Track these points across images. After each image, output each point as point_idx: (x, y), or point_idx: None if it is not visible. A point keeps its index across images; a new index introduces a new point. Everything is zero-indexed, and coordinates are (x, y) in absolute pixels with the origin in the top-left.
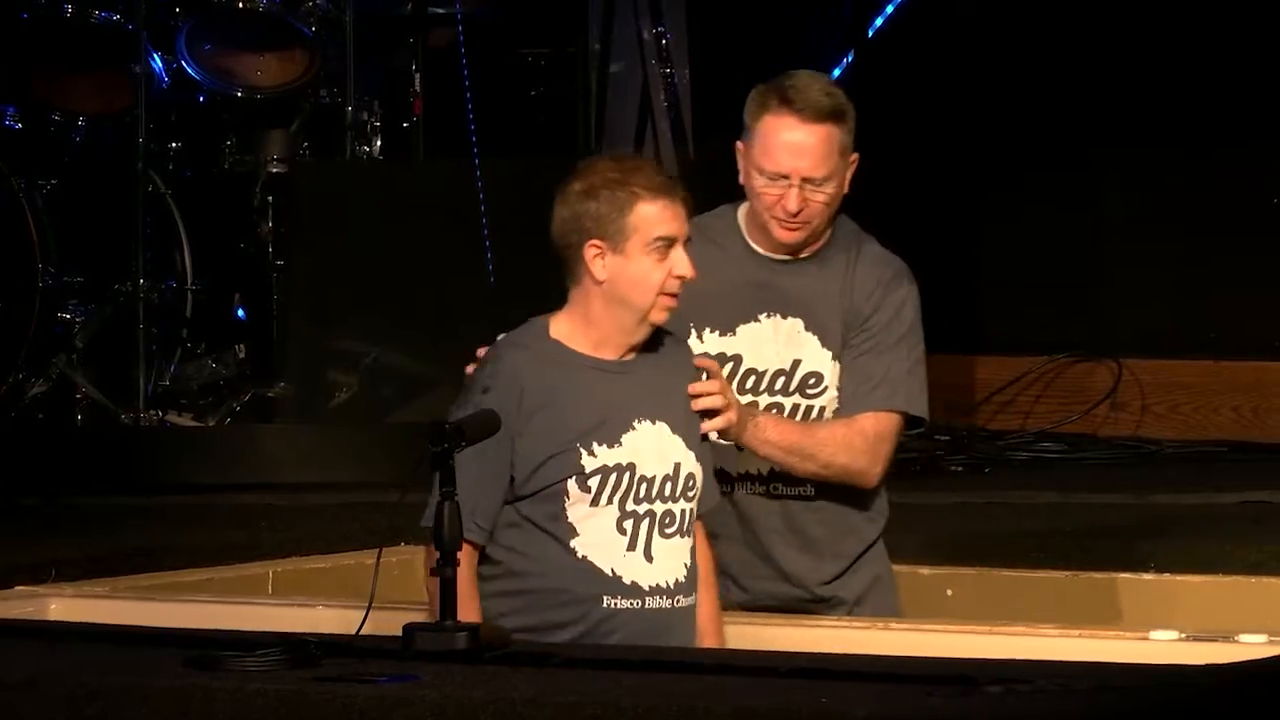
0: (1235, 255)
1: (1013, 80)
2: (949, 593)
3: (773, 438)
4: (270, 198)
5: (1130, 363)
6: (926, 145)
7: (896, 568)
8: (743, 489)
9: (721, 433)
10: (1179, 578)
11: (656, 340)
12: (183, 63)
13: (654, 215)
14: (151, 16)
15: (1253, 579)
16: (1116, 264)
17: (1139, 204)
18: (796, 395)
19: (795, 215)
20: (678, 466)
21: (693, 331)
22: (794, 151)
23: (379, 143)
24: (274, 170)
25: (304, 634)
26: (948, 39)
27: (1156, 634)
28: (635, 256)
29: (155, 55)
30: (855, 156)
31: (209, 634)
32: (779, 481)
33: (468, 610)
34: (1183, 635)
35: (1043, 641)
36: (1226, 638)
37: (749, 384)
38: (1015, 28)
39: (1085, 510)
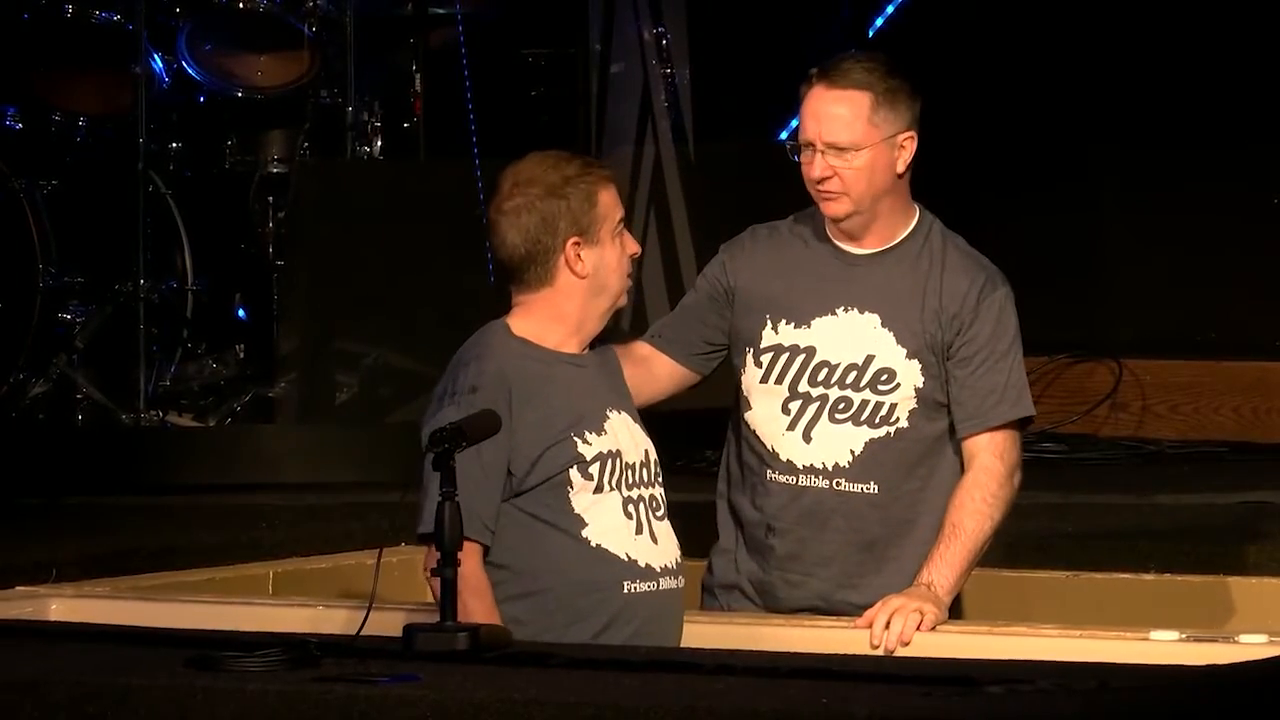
0: (1236, 255)
1: (1013, 80)
2: None
3: (954, 584)
4: (271, 198)
5: (1131, 363)
6: (926, 145)
7: None
8: (808, 480)
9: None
10: (1179, 578)
11: None
12: (183, 63)
13: (612, 201)
14: (152, 17)
15: (1253, 579)
16: (1117, 264)
17: (1139, 204)
18: (867, 390)
19: (820, 183)
20: (647, 452)
21: (768, 323)
22: (817, 117)
23: (379, 143)
24: (274, 170)
25: (304, 634)
26: (948, 39)
27: (1157, 634)
28: (605, 244)
29: (156, 55)
30: (908, 135)
31: (209, 634)
32: (841, 477)
33: (488, 608)
34: (1183, 636)
35: (1043, 642)
36: (1227, 638)
37: (820, 376)
38: (1016, 28)
39: (1086, 511)
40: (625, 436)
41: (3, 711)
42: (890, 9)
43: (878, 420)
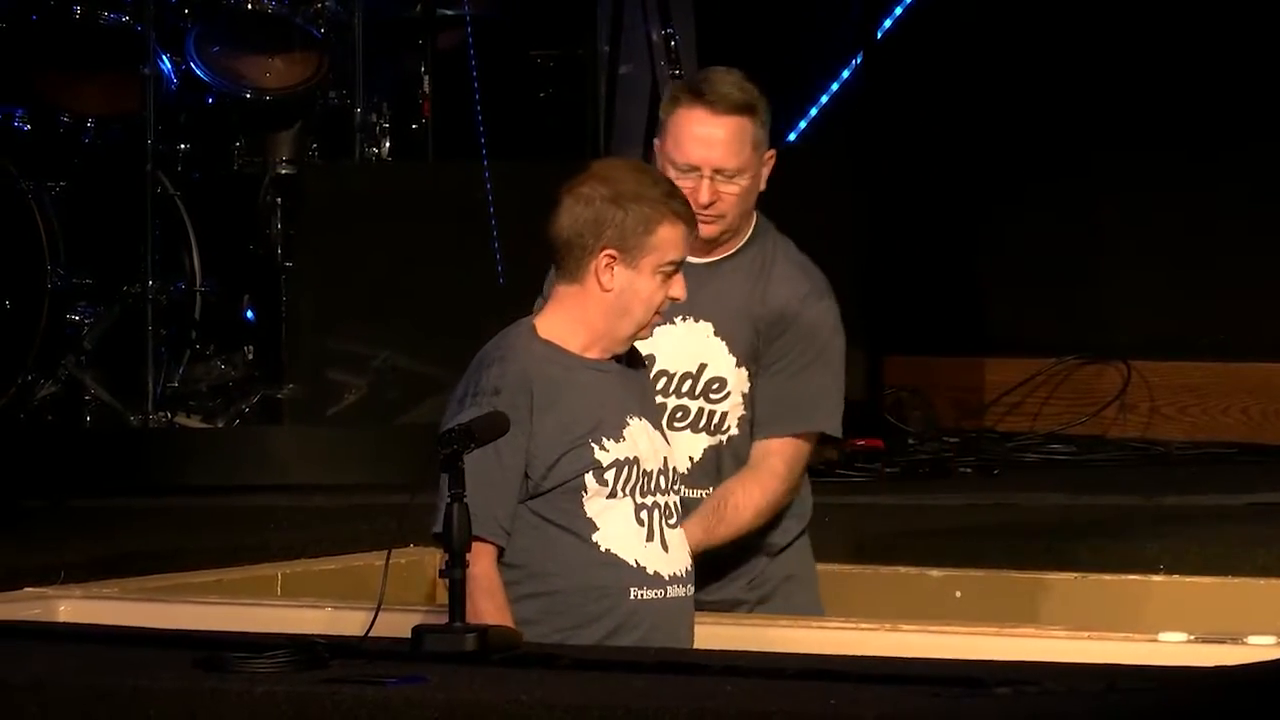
0: (1244, 256)
1: (1021, 82)
2: (958, 594)
3: (696, 544)
4: (279, 199)
5: (1139, 364)
6: (935, 146)
7: (904, 570)
8: None
9: None
10: (1188, 579)
11: None
12: (191, 64)
13: (674, 239)
14: (160, 18)
15: (1261, 581)
16: (1125, 265)
17: (1148, 205)
18: (701, 399)
19: (707, 208)
20: (666, 460)
21: None
22: (704, 143)
23: (388, 144)
24: (283, 172)
25: (313, 636)
26: (956, 41)
27: (1165, 636)
28: (645, 274)
29: (164, 57)
30: (771, 153)
31: (218, 636)
32: (680, 483)
33: (499, 607)
34: (1191, 637)
35: (1051, 643)
36: (1235, 640)
37: (659, 385)
38: (1023, 30)
39: (1094, 512)
40: (645, 443)
41: (10, 713)
42: (899, 10)
43: (712, 428)
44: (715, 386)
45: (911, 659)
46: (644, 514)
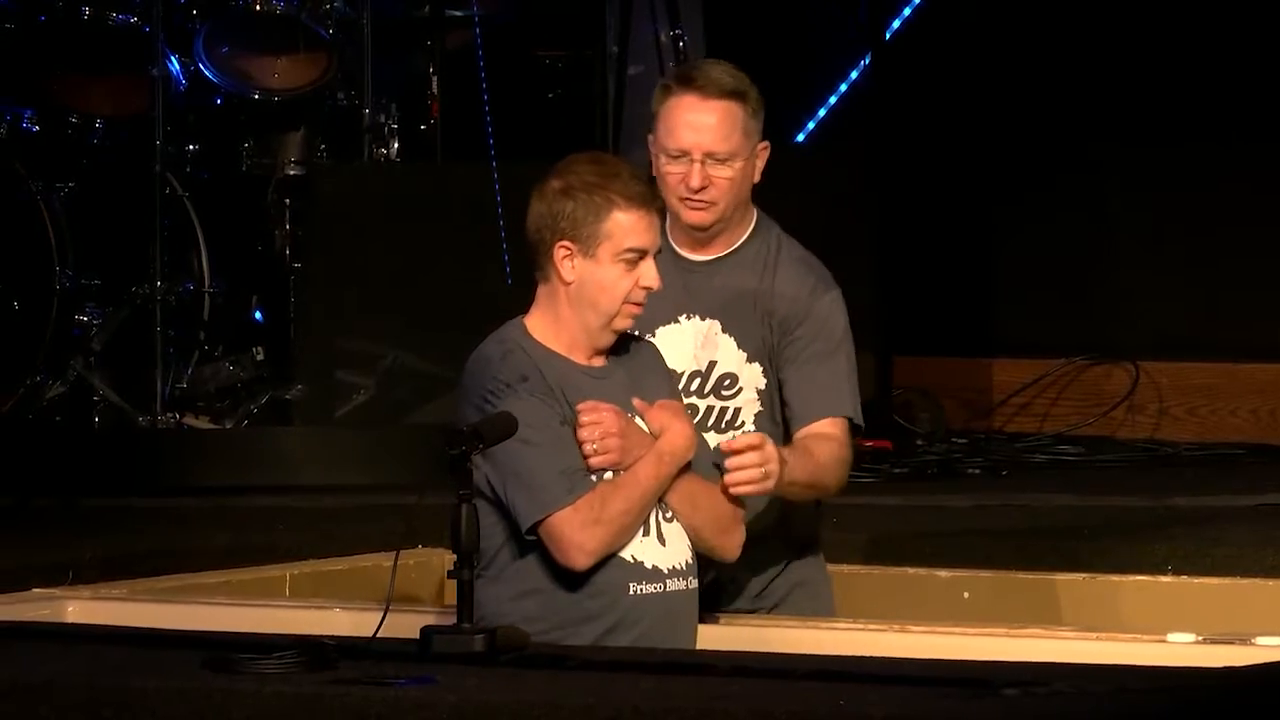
0: (1254, 257)
1: (1030, 82)
2: (966, 595)
3: (798, 477)
4: (287, 200)
5: (1148, 365)
6: (943, 146)
7: (913, 571)
8: None
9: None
10: (1196, 580)
11: (624, 342)
12: (200, 65)
13: (629, 225)
14: (169, 19)
15: (1270, 582)
16: (1134, 266)
17: (1157, 206)
18: (712, 397)
19: (698, 192)
20: None
21: None
22: (694, 127)
23: (396, 145)
24: (291, 173)
25: (321, 636)
26: (964, 41)
27: (1173, 637)
28: (605, 263)
29: (173, 58)
30: (765, 145)
31: (226, 636)
32: None
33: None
34: (1200, 638)
35: (1059, 644)
36: (1244, 640)
37: None
38: (1031, 30)
39: (1102, 513)
40: None
41: (19, 713)
42: (907, 11)
43: (724, 425)
44: (726, 383)
45: (920, 660)
46: None
